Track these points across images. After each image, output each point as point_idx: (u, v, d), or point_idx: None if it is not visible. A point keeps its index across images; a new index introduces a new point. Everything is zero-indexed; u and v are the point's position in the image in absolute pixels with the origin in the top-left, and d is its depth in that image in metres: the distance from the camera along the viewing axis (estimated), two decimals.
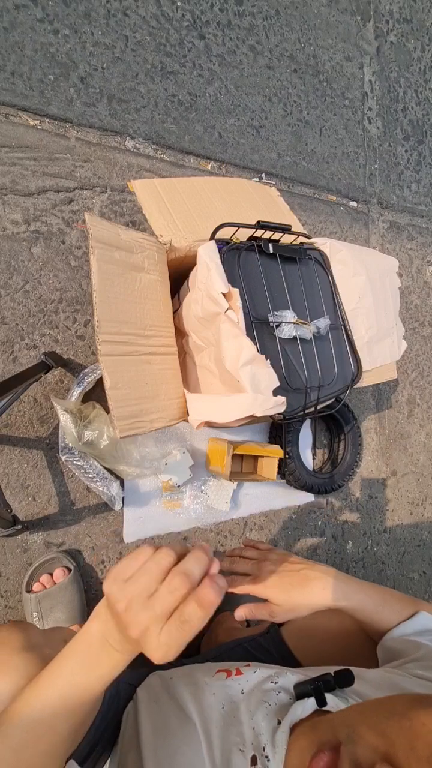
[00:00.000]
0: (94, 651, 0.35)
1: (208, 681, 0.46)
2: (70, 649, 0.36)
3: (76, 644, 0.36)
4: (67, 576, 0.75)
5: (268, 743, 0.36)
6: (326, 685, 0.39)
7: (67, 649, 0.36)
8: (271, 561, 0.55)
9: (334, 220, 1.19)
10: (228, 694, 0.43)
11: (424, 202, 1.38)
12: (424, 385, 1.29)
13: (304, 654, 0.59)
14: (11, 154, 0.82)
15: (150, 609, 0.32)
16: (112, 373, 0.56)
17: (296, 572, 0.53)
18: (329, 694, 0.38)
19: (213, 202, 0.78)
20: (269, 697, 0.41)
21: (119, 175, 0.91)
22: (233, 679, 0.46)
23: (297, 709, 0.37)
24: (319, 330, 0.68)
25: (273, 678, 0.44)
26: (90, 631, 0.36)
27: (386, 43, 1.32)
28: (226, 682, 0.45)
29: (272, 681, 0.43)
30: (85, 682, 0.35)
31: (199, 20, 1.01)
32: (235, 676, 0.46)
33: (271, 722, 0.38)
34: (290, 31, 1.15)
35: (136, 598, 0.32)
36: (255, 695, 0.41)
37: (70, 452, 0.77)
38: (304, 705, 0.38)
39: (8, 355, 0.78)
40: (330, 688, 0.39)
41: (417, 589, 1.21)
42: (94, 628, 0.36)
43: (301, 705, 0.38)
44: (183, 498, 0.89)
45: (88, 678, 0.35)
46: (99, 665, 0.35)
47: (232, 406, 0.56)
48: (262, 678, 0.45)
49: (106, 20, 0.91)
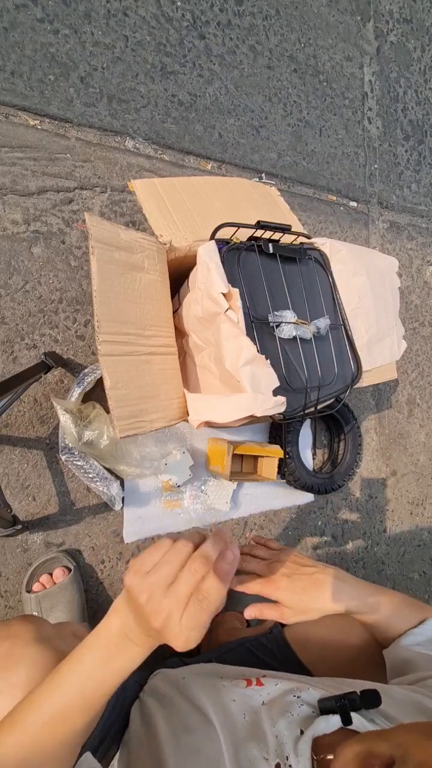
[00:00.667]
0: (113, 645, 0.36)
1: (225, 685, 0.46)
2: (89, 643, 0.37)
3: (94, 638, 0.37)
4: (67, 576, 0.75)
5: (291, 752, 0.36)
6: (352, 704, 0.38)
7: (86, 643, 0.37)
8: (282, 562, 0.55)
9: (334, 220, 1.19)
10: (249, 705, 0.43)
11: (424, 202, 1.38)
12: (424, 385, 1.29)
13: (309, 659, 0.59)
14: (11, 154, 0.82)
15: (172, 595, 0.33)
16: (112, 373, 0.56)
17: (308, 576, 0.52)
18: (355, 714, 0.37)
19: (213, 202, 0.78)
20: (292, 708, 0.40)
21: (119, 175, 0.91)
22: (254, 689, 0.45)
23: (321, 724, 0.37)
24: (319, 330, 0.68)
25: (295, 692, 0.43)
26: (109, 625, 0.37)
27: (386, 43, 1.32)
28: (247, 691, 0.45)
29: (294, 695, 0.42)
30: (103, 675, 0.36)
31: (199, 20, 1.01)
32: (256, 686, 0.46)
33: (294, 731, 0.38)
34: (290, 31, 1.15)
35: (158, 586, 0.33)
36: (277, 705, 0.41)
37: (70, 452, 0.77)
38: (328, 721, 0.37)
39: (8, 355, 0.78)
40: (356, 707, 0.38)
41: (417, 589, 1.21)
42: (114, 623, 0.36)
43: (325, 720, 0.37)
44: (183, 498, 0.89)
45: (106, 672, 0.36)
46: (117, 659, 0.36)
47: (232, 406, 0.56)
48: (283, 690, 0.44)
49: (106, 20, 0.91)
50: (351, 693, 0.39)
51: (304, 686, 0.44)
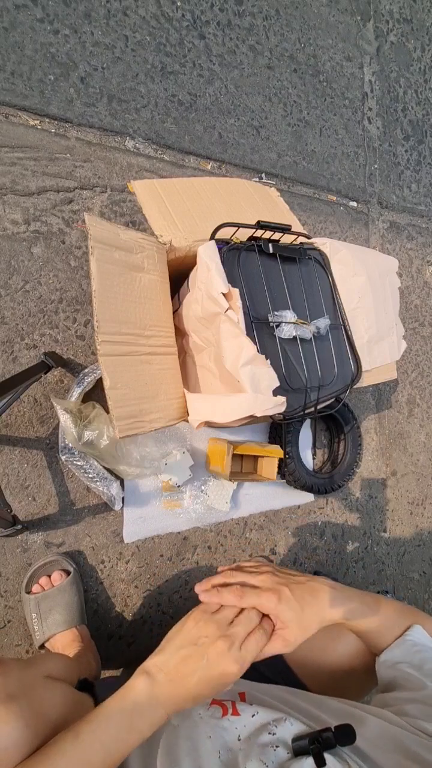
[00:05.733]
0: (139, 708, 0.38)
1: (202, 714, 0.45)
2: (114, 706, 0.39)
3: (120, 702, 0.39)
4: (66, 578, 0.75)
5: None
6: (326, 743, 0.38)
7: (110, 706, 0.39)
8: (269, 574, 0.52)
9: (334, 220, 1.19)
10: (224, 740, 0.42)
11: (424, 202, 1.38)
12: (424, 385, 1.29)
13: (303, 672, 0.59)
14: (11, 154, 0.82)
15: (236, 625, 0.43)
16: (111, 373, 0.56)
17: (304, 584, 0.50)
18: (328, 754, 0.37)
19: (213, 203, 0.78)
20: (266, 756, 0.40)
21: (119, 175, 0.91)
22: (229, 720, 0.44)
23: None
24: (319, 330, 0.68)
25: (271, 728, 0.42)
26: (136, 687, 0.39)
27: (386, 43, 1.32)
28: (222, 722, 0.44)
29: (270, 732, 0.42)
30: (128, 736, 0.37)
31: (199, 20, 1.01)
32: (231, 716, 0.45)
33: None
34: (290, 31, 1.15)
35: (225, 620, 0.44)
36: (253, 750, 0.41)
37: (70, 452, 0.77)
38: (301, 766, 0.37)
39: (8, 355, 0.78)
40: (330, 745, 0.38)
41: (417, 589, 1.21)
42: (141, 684, 0.39)
43: (298, 766, 0.37)
44: (183, 498, 0.89)
45: (131, 734, 0.38)
46: (143, 721, 0.38)
47: (232, 406, 0.56)
48: (259, 725, 0.43)
49: (106, 20, 0.91)
50: (325, 730, 0.39)
51: (280, 717, 0.43)
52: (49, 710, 0.40)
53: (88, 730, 0.37)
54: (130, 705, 0.38)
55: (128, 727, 0.37)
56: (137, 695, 0.39)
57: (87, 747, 0.36)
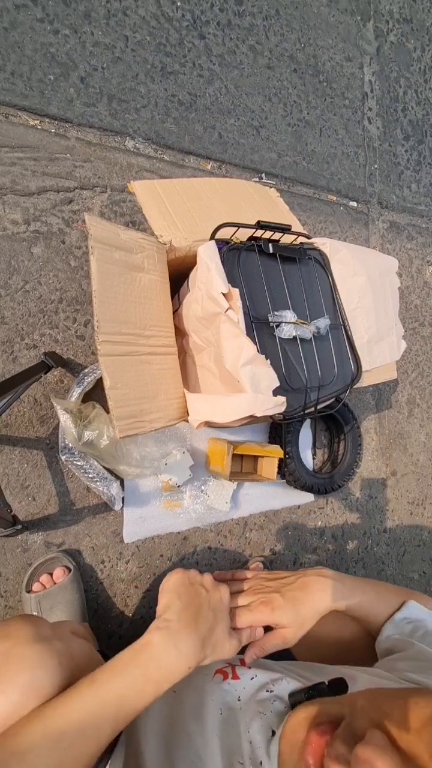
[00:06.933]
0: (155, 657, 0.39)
1: (205, 681, 0.47)
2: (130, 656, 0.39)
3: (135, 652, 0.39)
4: (67, 576, 0.75)
5: (264, 756, 0.37)
6: (320, 694, 0.39)
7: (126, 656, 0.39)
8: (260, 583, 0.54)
9: (334, 220, 1.19)
10: (225, 700, 0.44)
11: (424, 202, 1.38)
12: (424, 385, 1.29)
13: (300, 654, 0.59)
14: (11, 154, 0.82)
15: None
16: (111, 373, 0.56)
17: (294, 583, 0.52)
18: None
19: (213, 203, 0.78)
20: (264, 707, 0.42)
21: (119, 175, 0.91)
22: (229, 683, 0.46)
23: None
24: (319, 330, 0.68)
25: (269, 686, 0.44)
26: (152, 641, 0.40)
27: (386, 43, 1.32)
28: (223, 686, 0.46)
29: (268, 690, 0.44)
30: (144, 686, 0.37)
31: (199, 20, 1.01)
32: (232, 680, 0.46)
33: (266, 734, 0.39)
34: (290, 31, 1.15)
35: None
36: (251, 706, 0.42)
37: (70, 452, 0.77)
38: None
39: (8, 355, 0.78)
40: (324, 696, 0.39)
41: (417, 589, 1.21)
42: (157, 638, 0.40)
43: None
44: (183, 498, 0.89)
45: (147, 683, 0.38)
46: (159, 670, 0.38)
47: (232, 406, 0.56)
48: (258, 685, 0.45)
49: (106, 20, 0.91)
50: (320, 684, 0.40)
51: (278, 677, 0.45)
52: (77, 657, 0.41)
53: (103, 679, 0.37)
54: (146, 657, 0.39)
55: (144, 677, 0.38)
56: (154, 647, 0.39)
57: (102, 694, 0.36)
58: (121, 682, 0.37)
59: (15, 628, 0.40)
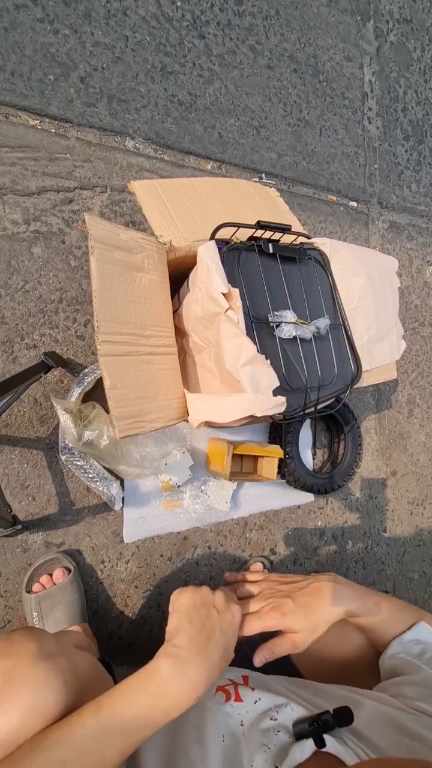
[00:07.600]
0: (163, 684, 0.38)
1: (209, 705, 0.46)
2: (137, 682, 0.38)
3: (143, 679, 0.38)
4: (67, 576, 0.75)
5: None
6: (325, 725, 0.38)
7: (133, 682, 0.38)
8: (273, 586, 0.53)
9: (334, 220, 1.19)
10: (228, 725, 0.43)
11: (424, 202, 1.38)
12: (424, 385, 1.29)
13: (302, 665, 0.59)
14: (11, 154, 0.82)
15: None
16: (111, 373, 0.56)
17: (306, 588, 0.51)
18: (328, 735, 0.38)
19: (213, 203, 0.78)
20: (268, 739, 0.40)
21: (119, 175, 0.91)
22: (232, 706, 0.45)
23: (296, 753, 0.37)
24: (319, 330, 0.68)
25: (272, 713, 0.43)
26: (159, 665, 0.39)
27: (386, 43, 1.32)
28: (225, 708, 0.45)
29: (272, 717, 0.42)
30: (150, 715, 0.37)
31: (199, 20, 1.01)
32: (235, 702, 0.45)
33: None
34: (290, 31, 1.15)
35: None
36: (255, 735, 0.41)
37: (70, 452, 0.77)
38: (302, 748, 0.37)
39: (8, 355, 0.78)
40: (329, 727, 0.38)
41: (417, 589, 1.21)
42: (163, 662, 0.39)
43: (299, 748, 0.38)
44: (183, 498, 0.89)
45: (153, 712, 0.37)
46: (166, 699, 0.38)
47: (232, 406, 0.56)
48: (262, 710, 0.44)
49: (106, 20, 0.91)
50: (324, 713, 0.39)
51: (282, 703, 0.44)
52: (82, 674, 0.40)
53: (109, 705, 0.37)
54: (154, 684, 0.38)
55: (151, 705, 0.37)
56: (163, 675, 0.38)
57: (107, 721, 0.36)
58: (128, 708, 0.36)
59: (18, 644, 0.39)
